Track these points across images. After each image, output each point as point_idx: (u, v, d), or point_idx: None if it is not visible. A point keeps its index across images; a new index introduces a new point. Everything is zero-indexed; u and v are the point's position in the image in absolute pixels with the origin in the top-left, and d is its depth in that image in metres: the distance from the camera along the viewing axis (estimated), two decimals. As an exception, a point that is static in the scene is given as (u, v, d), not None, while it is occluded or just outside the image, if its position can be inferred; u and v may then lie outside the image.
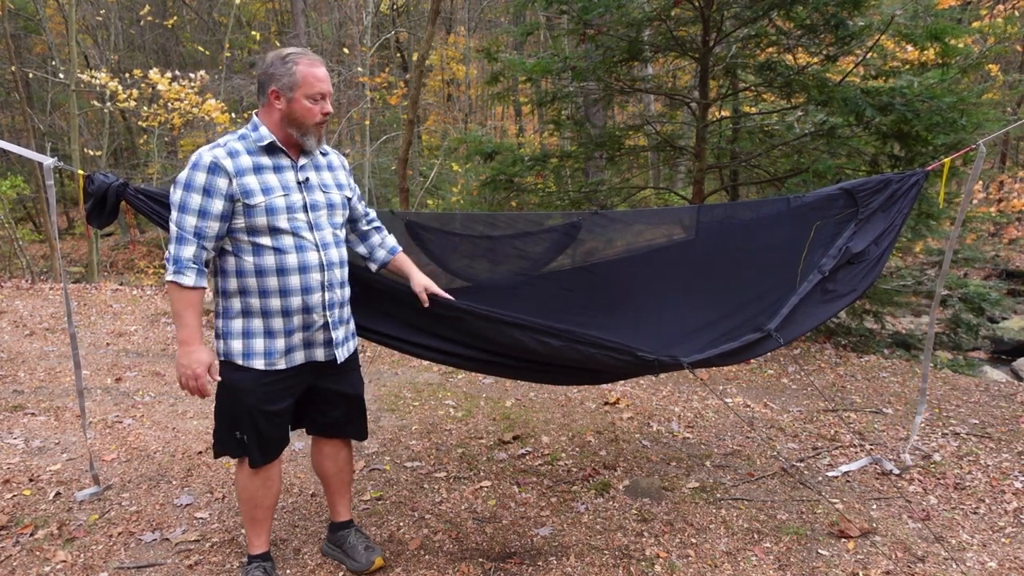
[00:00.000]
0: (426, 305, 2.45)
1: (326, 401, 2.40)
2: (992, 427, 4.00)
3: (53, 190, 2.70)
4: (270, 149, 2.15)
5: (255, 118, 2.18)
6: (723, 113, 7.15)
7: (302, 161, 2.21)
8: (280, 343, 2.19)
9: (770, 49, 5.62)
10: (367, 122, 15.37)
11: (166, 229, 2.46)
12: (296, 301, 2.17)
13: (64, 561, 2.58)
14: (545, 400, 4.53)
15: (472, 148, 6.83)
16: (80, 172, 2.48)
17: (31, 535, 2.75)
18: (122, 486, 3.21)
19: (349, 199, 2.37)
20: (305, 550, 2.69)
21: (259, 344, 2.17)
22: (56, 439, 3.74)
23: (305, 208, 2.18)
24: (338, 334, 2.29)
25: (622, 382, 4.91)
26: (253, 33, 18.63)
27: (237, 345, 2.17)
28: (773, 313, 2.76)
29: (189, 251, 2.06)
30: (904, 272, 6.80)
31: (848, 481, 3.28)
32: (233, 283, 2.16)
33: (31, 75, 16.40)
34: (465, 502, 3.10)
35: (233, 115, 13.04)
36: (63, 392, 4.61)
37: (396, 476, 3.37)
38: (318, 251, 2.19)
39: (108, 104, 13.04)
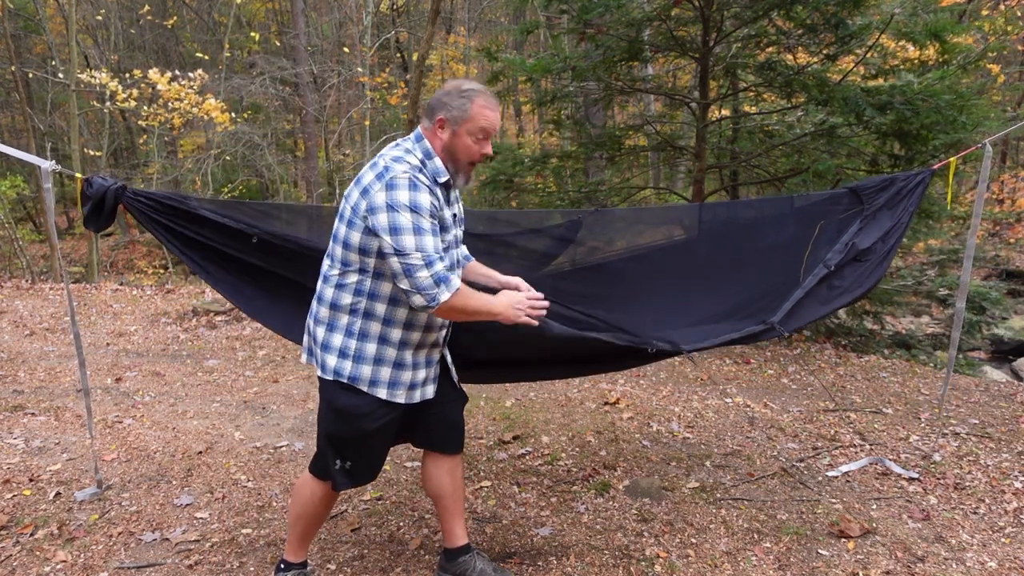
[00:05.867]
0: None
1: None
2: (992, 427, 4.00)
3: (51, 193, 2.67)
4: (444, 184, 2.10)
5: (426, 144, 2.06)
6: (723, 113, 7.15)
7: (453, 194, 2.17)
8: (407, 375, 2.13)
9: (770, 49, 5.62)
10: (367, 122, 15.38)
11: (161, 237, 2.42)
12: (431, 336, 2.15)
13: (64, 561, 2.58)
14: (545, 400, 4.53)
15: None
16: (78, 176, 2.44)
17: (31, 535, 2.75)
18: (122, 486, 3.21)
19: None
20: (319, 552, 2.68)
21: (385, 373, 2.10)
22: (56, 439, 3.74)
23: (455, 244, 2.18)
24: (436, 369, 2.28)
25: (622, 381, 4.91)
26: (253, 33, 18.64)
27: (367, 371, 2.08)
28: (776, 307, 2.75)
29: (441, 264, 1.95)
30: (904, 272, 6.80)
31: (848, 481, 3.28)
32: (380, 308, 2.06)
33: (31, 75, 16.41)
34: (465, 502, 3.09)
35: (233, 115, 13.05)
36: (63, 392, 4.61)
37: (396, 476, 3.37)
38: None
39: (108, 104, 13.05)
